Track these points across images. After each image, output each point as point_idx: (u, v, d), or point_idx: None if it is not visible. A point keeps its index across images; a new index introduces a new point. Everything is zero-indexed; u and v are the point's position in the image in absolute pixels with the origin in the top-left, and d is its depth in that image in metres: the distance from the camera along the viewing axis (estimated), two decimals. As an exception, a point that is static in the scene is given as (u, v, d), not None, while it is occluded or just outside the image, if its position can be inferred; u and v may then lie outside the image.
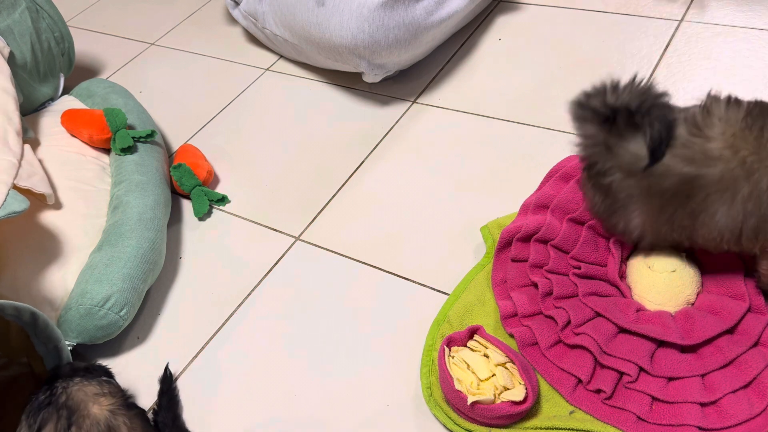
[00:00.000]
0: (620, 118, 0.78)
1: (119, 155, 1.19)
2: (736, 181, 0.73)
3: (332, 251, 1.07)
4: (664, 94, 0.78)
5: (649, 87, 0.78)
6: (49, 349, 0.86)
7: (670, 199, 0.78)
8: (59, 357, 0.87)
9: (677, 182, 0.76)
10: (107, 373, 0.86)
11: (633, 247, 0.90)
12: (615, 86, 0.79)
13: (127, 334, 1.01)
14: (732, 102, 0.76)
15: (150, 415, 0.85)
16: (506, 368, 0.82)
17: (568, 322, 0.85)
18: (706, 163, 0.74)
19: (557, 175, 0.98)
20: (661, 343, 0.81)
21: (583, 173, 0.87)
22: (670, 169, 0.76)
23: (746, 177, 0.73)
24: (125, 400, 0.79)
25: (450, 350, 0.84)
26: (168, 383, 0.90)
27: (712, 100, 0.77)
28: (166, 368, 0.92)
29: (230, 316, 1.01)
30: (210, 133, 1.37)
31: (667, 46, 1.28)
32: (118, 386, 0.82)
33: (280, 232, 1.13)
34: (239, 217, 1.17)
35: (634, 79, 0.79)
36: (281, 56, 1.53)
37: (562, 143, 1.14)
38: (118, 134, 1.20)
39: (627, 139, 0.79)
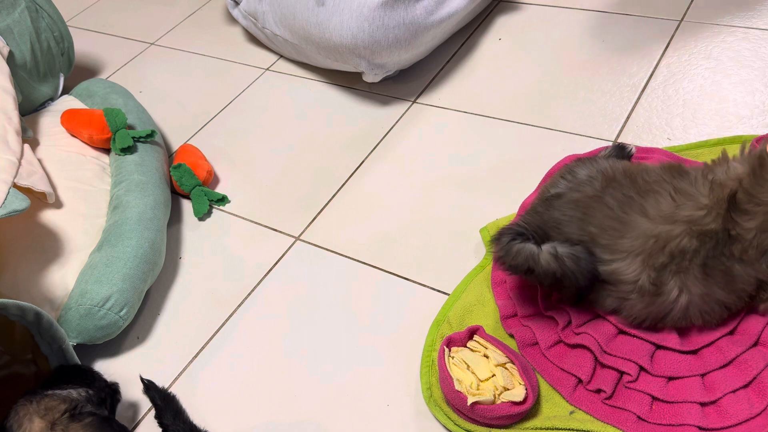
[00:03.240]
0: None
1: (119, 155, 1.19)
2: None
3: (332, 251, 1.07)
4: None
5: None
6: (54, 349, 0.86)
7: None
8: (64, 357, 0.87)
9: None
10: (87, 375, 0.84)
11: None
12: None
13: (127, 334, 1.01)
14: None
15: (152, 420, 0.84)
16: (506, 368, 0.82)
17: (569, 322, 0.85)
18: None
19: (557, 175, 0.98)
20: (661, 343, 0.81)
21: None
22: None
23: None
24: (73, 412, 0.76)
25: (450, 351, 0.84)
26: (153, 391, 0.85)
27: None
28: (143, 380, 0.85)
29: (230, 316, 1.01)
30: (210, 133, 1.37)
31: (667, 46, 1.28)
32: (68, 397, 0.79)
33: (280, 232, 1.13)
34: (239, 217, 1.17)
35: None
36: (281, 56, 1.53)
37: (562, 143, 1.14)
38: (118, 134, 1.20)
39: None
